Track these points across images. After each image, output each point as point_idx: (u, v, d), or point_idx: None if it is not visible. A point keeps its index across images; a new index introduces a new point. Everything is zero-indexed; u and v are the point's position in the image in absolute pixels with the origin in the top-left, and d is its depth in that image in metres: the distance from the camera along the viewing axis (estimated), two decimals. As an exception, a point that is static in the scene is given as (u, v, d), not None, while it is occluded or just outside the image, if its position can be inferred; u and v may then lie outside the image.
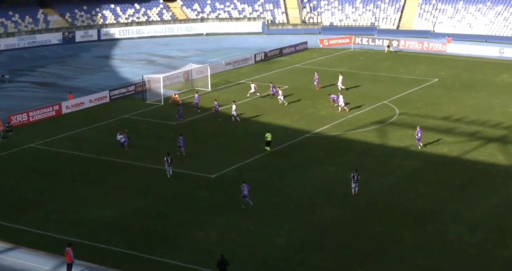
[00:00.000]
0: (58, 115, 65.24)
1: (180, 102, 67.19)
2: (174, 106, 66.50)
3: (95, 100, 69.02)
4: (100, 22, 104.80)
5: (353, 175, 46.91)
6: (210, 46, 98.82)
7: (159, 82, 70.60)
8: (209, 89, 73.51)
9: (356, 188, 46.82)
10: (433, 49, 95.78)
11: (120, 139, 56.49)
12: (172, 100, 67.92)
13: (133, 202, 46.06)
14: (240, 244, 40.39)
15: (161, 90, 69.73)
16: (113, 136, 57.33)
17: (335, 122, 62.45)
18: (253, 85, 70.56)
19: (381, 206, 45.32)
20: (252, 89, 70.39)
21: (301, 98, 70.05)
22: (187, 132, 58.58)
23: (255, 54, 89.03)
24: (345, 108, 65.06)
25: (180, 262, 38.26)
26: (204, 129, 61.27)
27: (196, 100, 66.55)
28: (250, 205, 44.88)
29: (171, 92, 70.47)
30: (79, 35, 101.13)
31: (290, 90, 73.03)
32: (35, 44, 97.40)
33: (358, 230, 42.07)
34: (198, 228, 42.19)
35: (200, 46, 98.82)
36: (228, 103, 65.93)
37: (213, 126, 61.79)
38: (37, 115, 63.74)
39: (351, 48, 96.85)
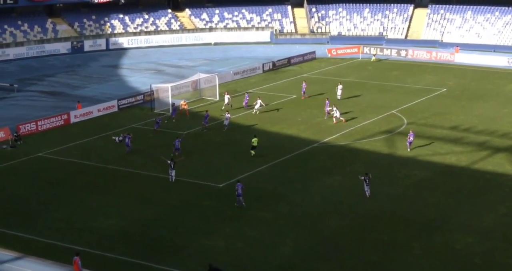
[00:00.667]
0: (66, 124, 65.40)
1: (188, 112, 67.25)
2: (183, 115, 66.69)
3: (103, 109, 69.19)
4: (108, 32, 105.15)
5: (364, 178, 47.21)
6: (218, 56, 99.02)
7: (167, 92, 70.60)
8: (217, 99, 73.54)
9: (368, 191, 47.22)
10: (441, 58, 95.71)
11: (123, 139, 57.41)
12: (181, 109, 67.88)
13: (141, 211, 46.11)
14: (247, 253, 40.41)
15: (169, 100, 69.81)
16: (121, 145, 57.62)
17: (343, 132, 62.42)
18: (227, 96, 70.07)
19: (389, 215, 45.29)
20: (226, 101, 69.75)
21: (308, 108, 70.08)
22: (196, 140, 58.81)
23: (263, 64, 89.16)
24: (341, 119, 64.77)
25: (187, 271, 38.32)
26: (213, 137, 61.35)
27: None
28: (243, 206, 45.48)
29: (178, 103, 70.06)
30: (87, 45, 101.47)
31: (297, 100, 73.09)
32: (44, 54, 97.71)
33: (365, 239, 42.02)
34: (206, 237, 42.22)
35: (208, 56, 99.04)
36: (237, 112, 65.77)
37: (222, 135, 61.89)
38: (46, 124, 63.88)
39: (359, 58, 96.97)
